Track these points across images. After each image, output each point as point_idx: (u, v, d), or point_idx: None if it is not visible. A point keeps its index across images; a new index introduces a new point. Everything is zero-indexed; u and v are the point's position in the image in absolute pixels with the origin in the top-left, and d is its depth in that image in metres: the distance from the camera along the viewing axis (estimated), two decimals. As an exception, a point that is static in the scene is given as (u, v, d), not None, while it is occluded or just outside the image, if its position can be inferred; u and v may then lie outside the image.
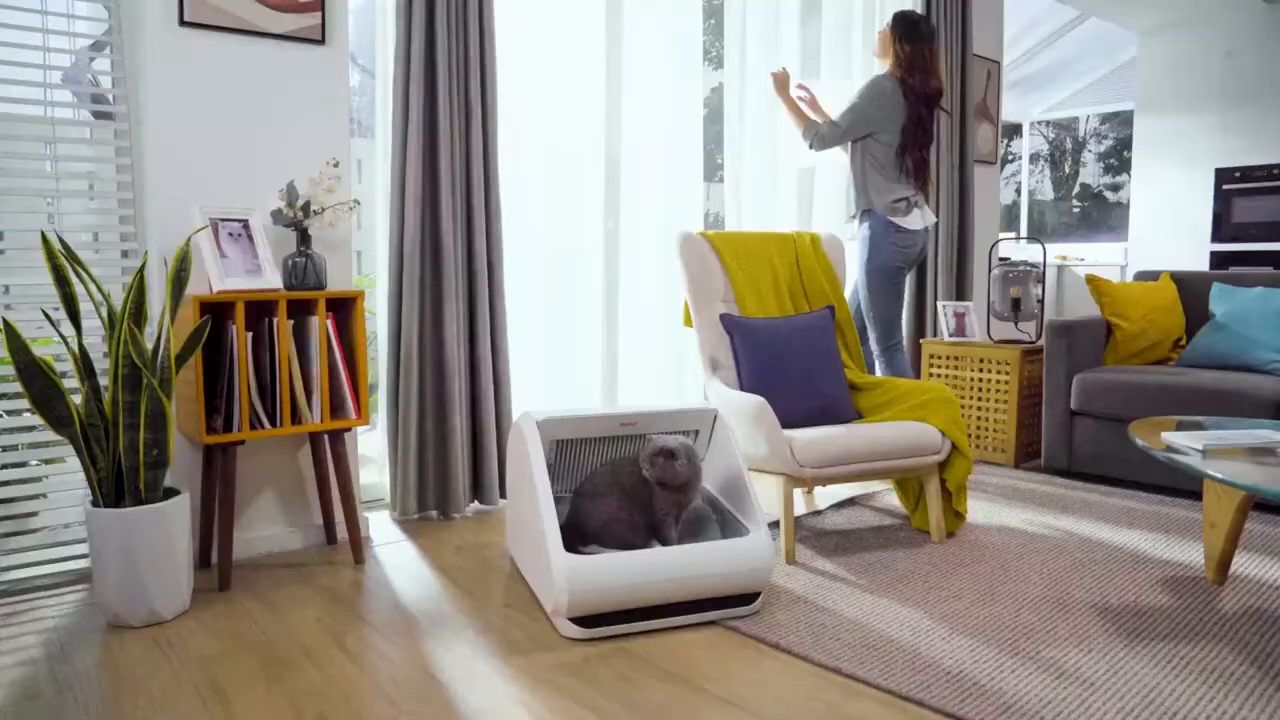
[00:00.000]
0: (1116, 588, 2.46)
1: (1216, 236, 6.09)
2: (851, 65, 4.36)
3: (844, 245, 3.46)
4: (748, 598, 2.26)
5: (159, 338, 2.28)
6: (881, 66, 3.64)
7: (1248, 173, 5.96)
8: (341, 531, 2.91)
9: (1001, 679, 1.93)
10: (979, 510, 3.22)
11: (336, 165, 2.71)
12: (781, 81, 3.65)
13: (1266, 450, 2.25)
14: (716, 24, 4.21)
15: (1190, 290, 3.97)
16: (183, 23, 2.52)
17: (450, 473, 3.07)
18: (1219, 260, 6.07)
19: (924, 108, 3.56)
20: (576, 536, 2.35)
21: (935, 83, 3.59)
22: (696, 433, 2.59)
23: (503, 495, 3.21)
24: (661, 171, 3.78)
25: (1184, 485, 3.39)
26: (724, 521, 2.43)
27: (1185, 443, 2.29)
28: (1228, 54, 6.02)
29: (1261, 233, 5.91)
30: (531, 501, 2.25)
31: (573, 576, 2.07)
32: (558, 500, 2.49)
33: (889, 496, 3.39)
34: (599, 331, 3.71)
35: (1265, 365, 3.49)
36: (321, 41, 2.79)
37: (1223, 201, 6.07)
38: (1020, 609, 2.31)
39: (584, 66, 3.55)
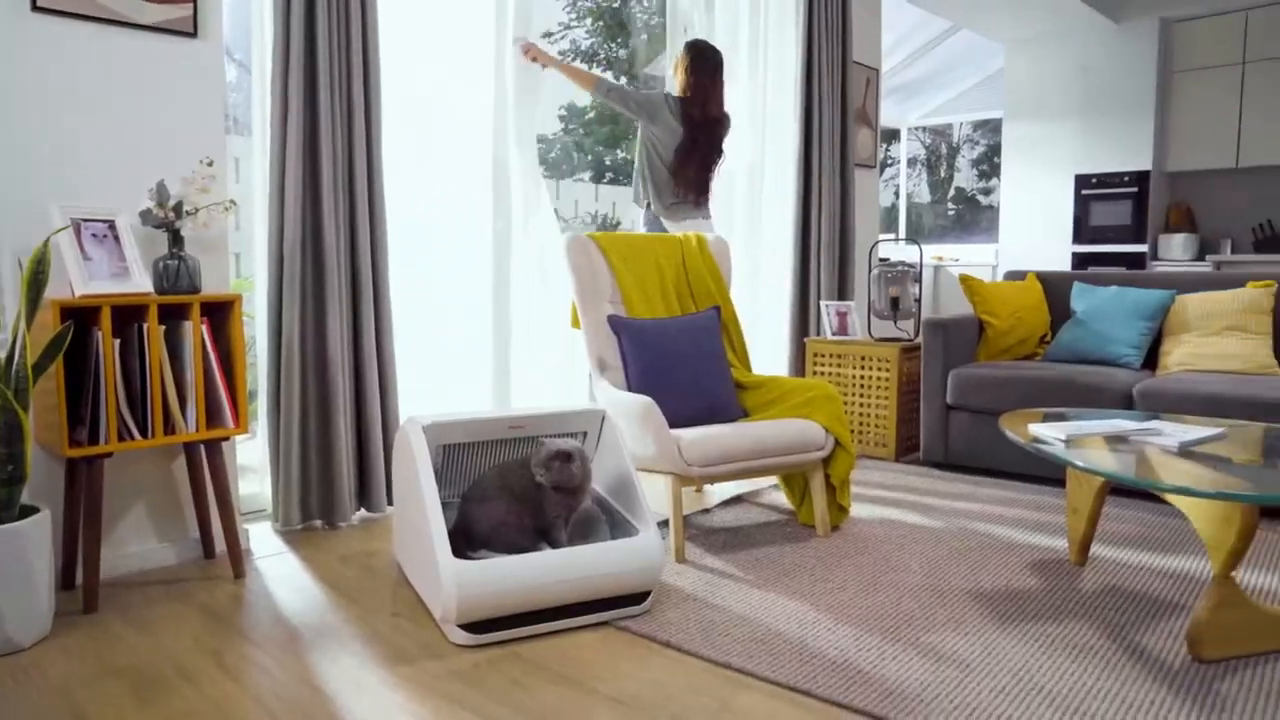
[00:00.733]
0: (990, 573, 2.58)
1: (1077, 238, 6.48)
2: (738, 68, 4.44)
3: (729, 246, 3.53)
4: (638, 597, 2.28)
5: (13, 345, 2.14)
6: (673, 85, 3.83)
7: (1104, 179, 6.36)
8: (220, 545, 2.79)
9: (884, 666, 2.00)
10: (862, 504, 3.33)
11: (211, 164, 2.60)
12: (533, 50, 3.58)
13: (1120, 438, 2.40)
14: (605, 26, 4.22)
15: (1054, 289, 4.20)
16: (35, 8, 2.37)
17: (335, 480, 2.98)
18: (1079, 260, 6.45)
19: (701, 133, 3.73)
20: (465, 542, 2.32)
21: (714, 111, 3.77)
22: (585, 434, 2.59)
23: (390, 502, 3.14)
24: (550, 172, 3.77)
25: (1050, 474, 3.58)
26: (613, 522, 2.44)
27: (1050, 434, 2.42)
28: (1084, 68, 6.41)
29: (1116, 235, 6.33)
30: (419, 507, 2.21)
31: (461, 582, 2.04)
32: (446, 505, 2.45)
33: (775, 493, 3.47)
34: (489, 332, 3.67)
35: (1119, 359, 3.73)
36: (193, 34, 2.67)
37: (1082, 205, 6.46)
38: (901, 597, 2.40)
39: (471, 66, 3.51)
